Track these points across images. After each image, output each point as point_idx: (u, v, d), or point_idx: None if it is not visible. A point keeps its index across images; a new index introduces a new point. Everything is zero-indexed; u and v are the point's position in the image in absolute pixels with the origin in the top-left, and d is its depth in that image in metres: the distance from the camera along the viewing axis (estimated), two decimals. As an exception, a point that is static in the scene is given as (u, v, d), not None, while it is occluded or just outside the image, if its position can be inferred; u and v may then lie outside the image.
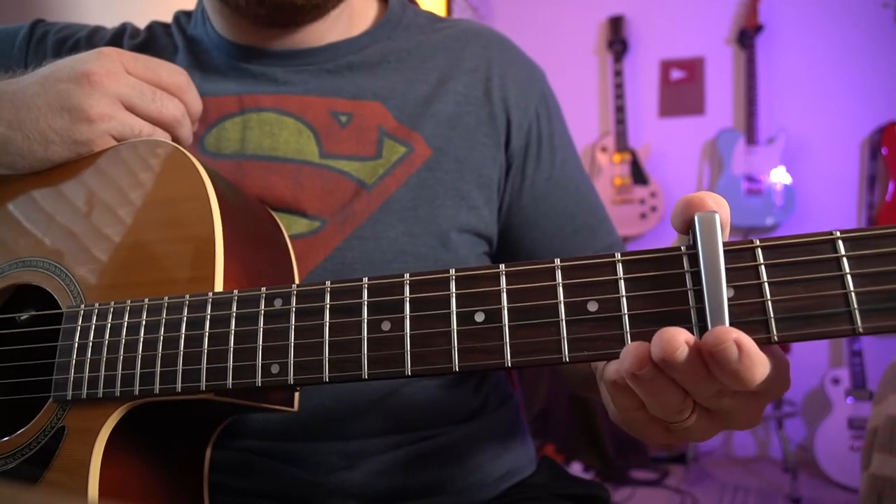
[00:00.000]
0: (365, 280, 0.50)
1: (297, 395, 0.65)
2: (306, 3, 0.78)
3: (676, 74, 3.56)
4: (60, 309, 0.62)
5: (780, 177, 3.25)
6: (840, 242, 0.40)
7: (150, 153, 0.65)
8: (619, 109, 3.51)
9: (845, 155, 3.30)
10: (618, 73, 3.55)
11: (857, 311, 0.39)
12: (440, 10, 3.17)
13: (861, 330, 0.39)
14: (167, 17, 0.94)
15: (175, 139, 0.71)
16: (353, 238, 0.77)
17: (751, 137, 3.30)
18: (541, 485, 0.86)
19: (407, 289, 0.48)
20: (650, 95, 3.61)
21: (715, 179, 3.46)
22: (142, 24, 0.94)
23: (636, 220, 3.41)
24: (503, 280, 0.46)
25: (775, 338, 0.40)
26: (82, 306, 0.59)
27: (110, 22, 0.95)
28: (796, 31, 3.38)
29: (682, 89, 3.55)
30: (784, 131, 3.28)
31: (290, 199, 0.77)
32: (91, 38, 0.90)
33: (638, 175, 3.44)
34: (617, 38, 3.56)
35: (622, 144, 3.48)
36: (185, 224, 0.61)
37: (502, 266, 0.46)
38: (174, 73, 0.71)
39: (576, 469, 2.93)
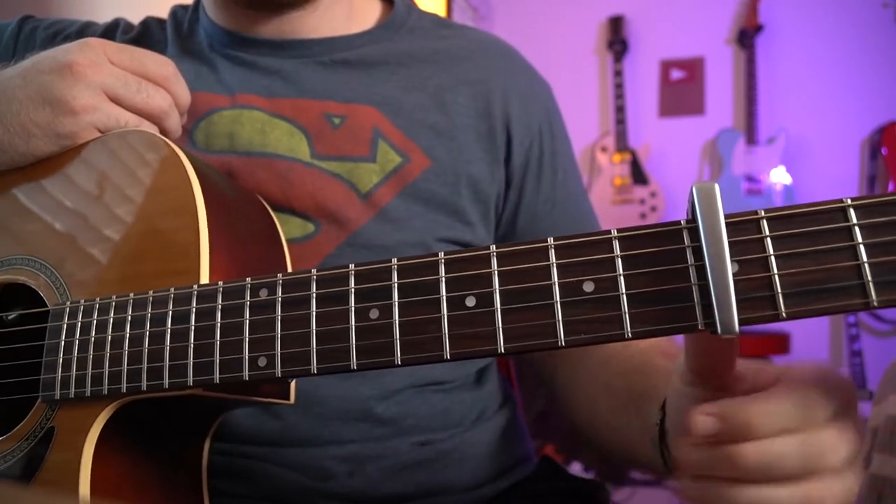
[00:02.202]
0: (351, 266, 0.48)
1: (292, 388, 0.63)
2: None
3: (676, 74, 3.55)
4: (47, 307, 0.61)
5: (780, 177, 3.24)
6: (851, 210, 0.38)
7: (133, 144, 0.64)
8: (619, 109, 3.50)
9: (845, 155, 3.29)
10: (618, 73, 3.54)
11: (870, 284, 0.37)
12: (440, 10, 3.17)
13: (875, 303, 0.36)
14: (163, 13, 0.93)
15: (162, 131, 0.70)
16: (346, 245, 0.76)
17: (751, 137, 3.29)
18: (541, 484, 0.85)
19: (395, 274, 0.47)
20: (650, 95, 3.60)
21: (715, 179, 3.44)
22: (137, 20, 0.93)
23: (636, 220, 3.39)
24: (494, 262, 0.44)
25: (783, 314, 0.38)
26: (68, 303, 0.59)
27: (106, 18, 0.94)
28: (796, 31, 3.37)
29: (682, 89, 3.55)
30: (784, 131, 3.27)
31: (278, 195, 0.76)
32: (82, 32, 0.89)
33: (638, 175, 3.43)
34: (617, 38, 3.56)
35: (622, 144, 3.47)
36: (169, 215, 0.60)
37: (493, 247, 0.45)
38: (161, 64, 0.69)
39: (576, 469, 2.91)
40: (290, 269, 0.70)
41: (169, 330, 0.53)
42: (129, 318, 0.55)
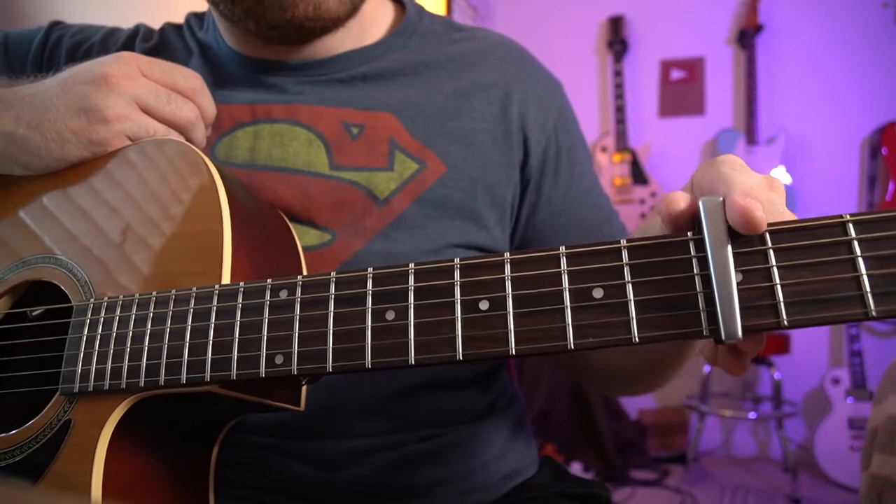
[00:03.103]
0: (370, 270, 0.50)
1: (303, 393, 0.65)
2: (316, 25, 0.78)
3: (676, 74, 3.56)
4: (71, 304, 0.62)
5: (780, 177, 3.24)
6: (850, 225, 0.40)
7: (162, 152, 0.67)
8: (619, 109, 3.51)
9: (845, 155, 3.30)
10: (618, 73, 3.55)
11: (869, 295, 0.39)
12: (440, 10, 3.17)
13: (874, 314, 0.38)
14: (176, 18, 0.94)
15: (188, 141, 0.72)
16: (363, 252, 0.77)
17: (751, 137, 3.30)
18: (542, 485, 0.86)
19: (411, 278, 0.48)
20: (650, 95, 3.61)
21: (715, 179, 3.46)
22: (153, 24, 0.95)
23: (636, 220, 3.40)
24: (507, 268, 0.46)
25: (785, 322, 0.40)
26: (92, 300, 0.60)
27: (114, 21, 0.96)
28: (796, 31, 3.38)
29: (682, 89, 3.56)
30: (784, 131, 3.28)
31: (298, 209, 0.77)
32: (105, 41, 0.91)
33: (638, 175, 3.44)
34: (617, 38, 3.56)
35: (622, 144, 3.48)
36: (195, 219, 0.61)
37: (506, 254, 0.46)
38: (189, 77, 0.72)
39: (576, 469, 2.93)
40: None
41: (189, 326, 0.54)
42: (151, 314, 0.56)
